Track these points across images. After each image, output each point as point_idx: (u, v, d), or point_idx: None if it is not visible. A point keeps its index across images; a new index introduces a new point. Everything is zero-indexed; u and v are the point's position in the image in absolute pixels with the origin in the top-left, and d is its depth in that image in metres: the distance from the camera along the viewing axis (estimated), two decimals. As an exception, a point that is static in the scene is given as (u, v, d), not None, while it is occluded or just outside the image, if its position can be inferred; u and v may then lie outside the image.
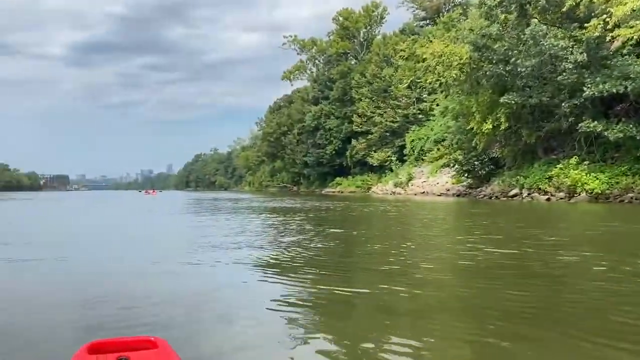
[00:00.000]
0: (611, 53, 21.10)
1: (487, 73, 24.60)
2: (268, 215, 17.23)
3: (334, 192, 54.54)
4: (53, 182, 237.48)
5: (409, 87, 46.21)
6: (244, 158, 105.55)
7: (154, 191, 79.45)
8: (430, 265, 6.42)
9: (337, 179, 59.21)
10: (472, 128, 27.44)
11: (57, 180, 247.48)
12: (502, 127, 24.61)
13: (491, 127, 25.25)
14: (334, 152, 59.66)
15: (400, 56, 48.67)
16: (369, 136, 51.97)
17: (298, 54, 68.94)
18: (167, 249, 8.36)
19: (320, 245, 8.24)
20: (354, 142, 55.13)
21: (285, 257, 6.89)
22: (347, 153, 56.53)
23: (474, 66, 25.67)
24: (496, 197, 26.25)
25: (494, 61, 24.05)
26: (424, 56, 30.04)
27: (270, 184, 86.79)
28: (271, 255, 7.07)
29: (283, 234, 10.13)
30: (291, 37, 68.56)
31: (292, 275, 5.66)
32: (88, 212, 24.31)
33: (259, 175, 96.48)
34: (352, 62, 63.52)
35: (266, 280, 5.47)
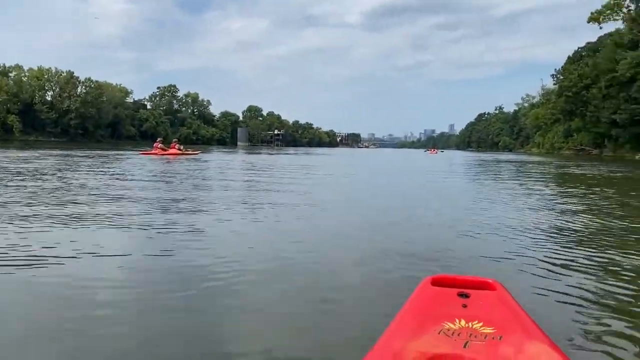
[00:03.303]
0: None
1: None
2: (574, 188, 13.15)
3: (652, 158, 43.77)
4: (347, 139, 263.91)
5: None
6: (533, 116, 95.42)
7: (435, 150, 78.94)
8: None
9: (659, 141, 47.36)
10: None
11: (350, 137, 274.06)
12: None
13: None
14: (656, 108, 47.66)
15: None
16: None
17: (612, -12, 56.77)
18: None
19: None
20: (688, 94, 42.78)
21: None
22: (677, 109, 44.37)
23: None
24: None
25: None
26: None
27: (563, 146, 76.47)
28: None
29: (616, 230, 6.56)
30: (604, -31, 56.77)
31: None
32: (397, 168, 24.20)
33: (550, 136, 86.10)
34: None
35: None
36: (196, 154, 32.99)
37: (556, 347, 1.58)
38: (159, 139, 30.87)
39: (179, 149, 30.67)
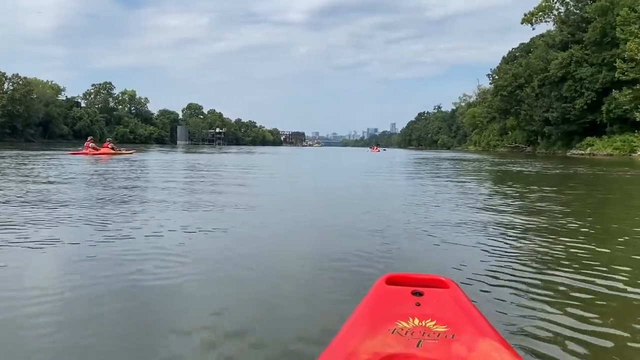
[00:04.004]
0: None
1: None
2: (509, 185, 13.06)
3: (582, 154, 45.86)
4: (291, 138, 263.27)
5: None
6: (470, 115, 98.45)
7: (377, 149, 79.57)
8: None
9: (588, 138, 49.64)
10: None
11: (294, 136, 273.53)
12: None
13: None
14: (584, 106, 49.95)
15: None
16: (638, 86, 41.65)
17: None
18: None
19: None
20: (614, 93, 45.08)
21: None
22: (603, 107, 46.69)
23: None
24: None
25: None
26: None
27: (499, 144, 79.29)
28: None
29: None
30: (535, -27, 58.98)
31: None
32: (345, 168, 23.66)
33: (486, 134, 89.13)
34: (616, -4, 51.94)
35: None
36: (130, 153, 31.32)
37: (507, 344, 1.58)
38: (90, 138, 29.01)
39: (112, 149, 29.00)
